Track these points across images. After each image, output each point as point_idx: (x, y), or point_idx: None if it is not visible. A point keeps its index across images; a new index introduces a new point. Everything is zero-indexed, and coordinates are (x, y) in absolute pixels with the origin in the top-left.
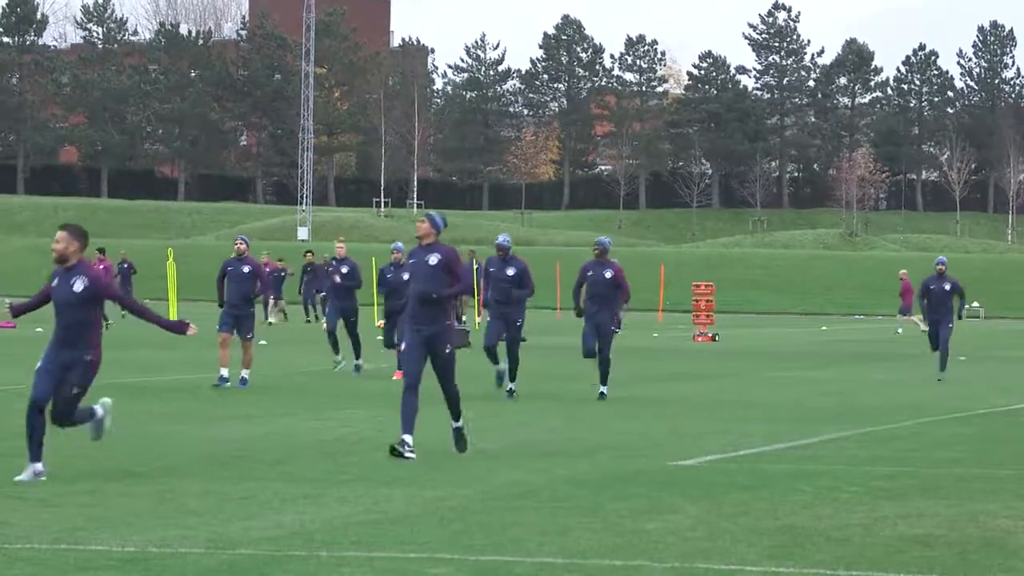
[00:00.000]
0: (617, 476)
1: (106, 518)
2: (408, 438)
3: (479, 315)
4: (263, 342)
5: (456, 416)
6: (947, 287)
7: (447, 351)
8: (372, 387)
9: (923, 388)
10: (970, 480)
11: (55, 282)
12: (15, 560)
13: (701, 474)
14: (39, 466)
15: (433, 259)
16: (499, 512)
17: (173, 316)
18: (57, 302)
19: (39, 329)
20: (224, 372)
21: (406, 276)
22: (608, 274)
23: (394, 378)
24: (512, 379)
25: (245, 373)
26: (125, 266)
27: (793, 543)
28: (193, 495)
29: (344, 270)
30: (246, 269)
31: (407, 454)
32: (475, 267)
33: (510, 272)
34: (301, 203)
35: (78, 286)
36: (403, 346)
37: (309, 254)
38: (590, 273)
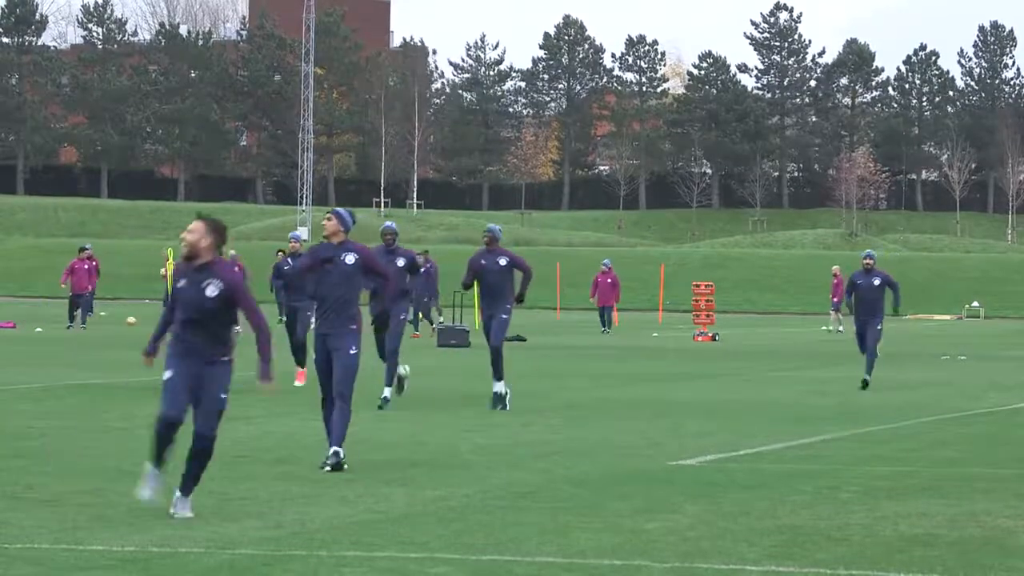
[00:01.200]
0: (617, 476)
1: (106, 518)
2: (339, 450)
3: (480, 315)
4: None
5: (339, 439)
6: (876, 282)
7: (351, 352)
8: (372, 387)
9: (923, 388)
10: (970, 479)
11: (181, 283)
12: (15, 560)
13: (701, 474)
14: (157, 471)
15: (349, 259)
16: (499, 512)
17: None
18: (185, 306)
19: (39, 329)
20: None
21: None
22: (503, 261)
23: (296, 383)
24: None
25: None
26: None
27: (793, 543)
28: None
29: None
30: None
31: (343, 466)
32: (427, 268)
33: (400, 263)
34: (301, 203)
35: (211, 291)
36: (314, 357)
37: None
38: (483, 262)
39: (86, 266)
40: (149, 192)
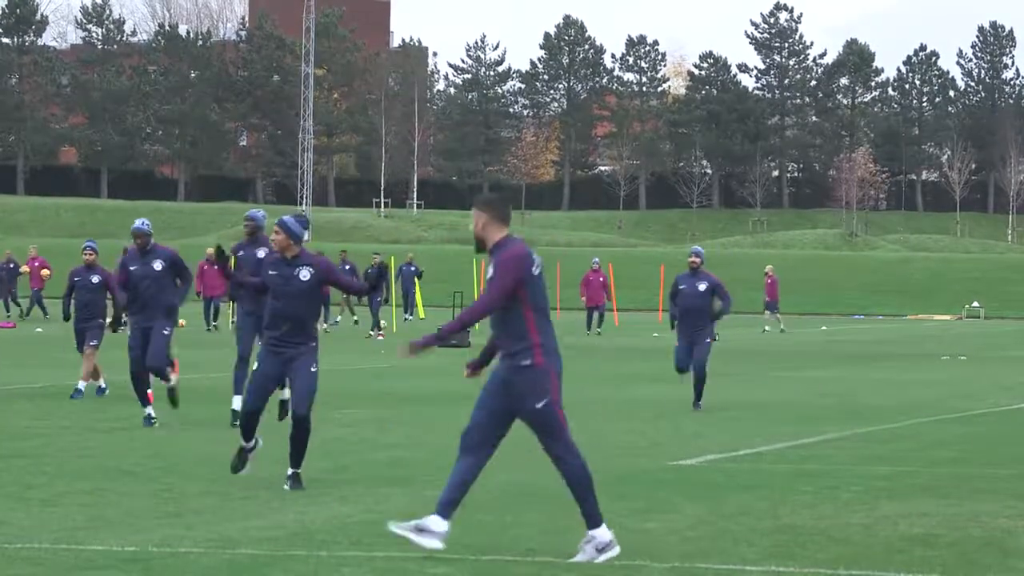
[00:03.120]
0: (617, 476)
1: (106, 518)
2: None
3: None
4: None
5: (297, 461)
6: (701, 287)
7: (311, 370)
8: (372, 387)
9: (923, 388)
10: (970, 480)
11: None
12: (15, 560)
13: (701, 474)
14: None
15: (304, 274)
16: (499, 512)
17: None
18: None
19: (39, 329)
20: (101, 382)
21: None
22: (261, 253)
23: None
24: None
25: (82, 385)
26: (11, 267)
27: (794, 543)
28: (193, 495)
29: None
30: (95, 279)
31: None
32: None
33: (158, 267)
34: (301, 203)
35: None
36: (255, 366)
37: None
38: (241, 254)
39: (37, 263)
40: (149, 192)
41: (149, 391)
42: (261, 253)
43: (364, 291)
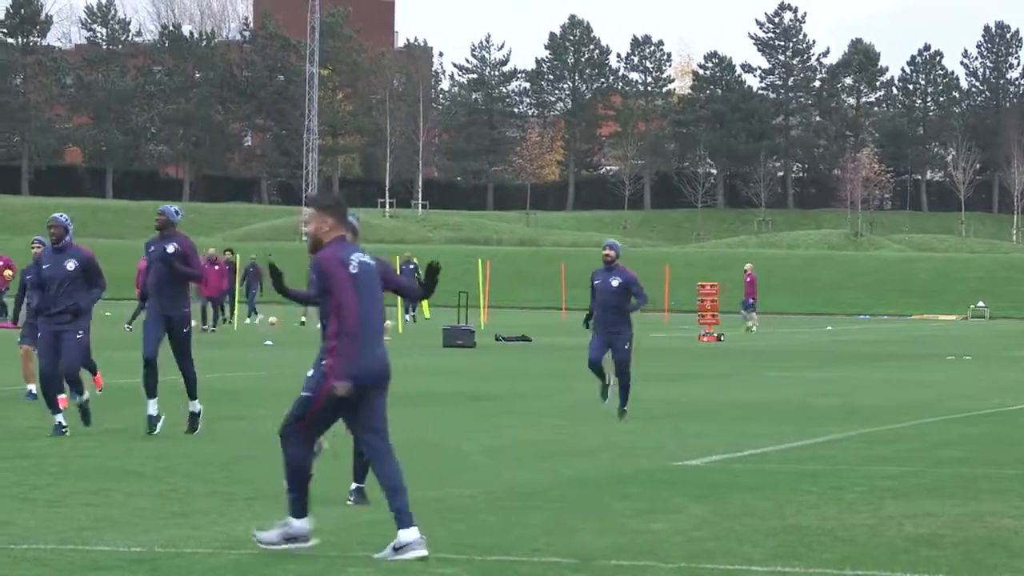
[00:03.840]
0: (621, 476)
1: (112, 518)
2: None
3: (485, 315)
4: (268, 343)
5: (363, 475)
6: (615, 283)
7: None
8: None
9: (928, 388)
10: (975, 480)
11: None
12: (21, 560)
13: (706, 474)
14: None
15: (370, 260)
16: (503, 512)
17: None
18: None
19: None
20: (31, 387)
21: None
22: (171, 248)
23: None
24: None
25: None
26: None
27: (799, 543)
28: (199, 495)
29: None
30: None
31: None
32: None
33: (70, 266)
34: (305, 204)
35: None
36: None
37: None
38: (152, 248)
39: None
40: (154, 192)
41: (61, 396)
42: (171, 248)
43: (419, 295)
